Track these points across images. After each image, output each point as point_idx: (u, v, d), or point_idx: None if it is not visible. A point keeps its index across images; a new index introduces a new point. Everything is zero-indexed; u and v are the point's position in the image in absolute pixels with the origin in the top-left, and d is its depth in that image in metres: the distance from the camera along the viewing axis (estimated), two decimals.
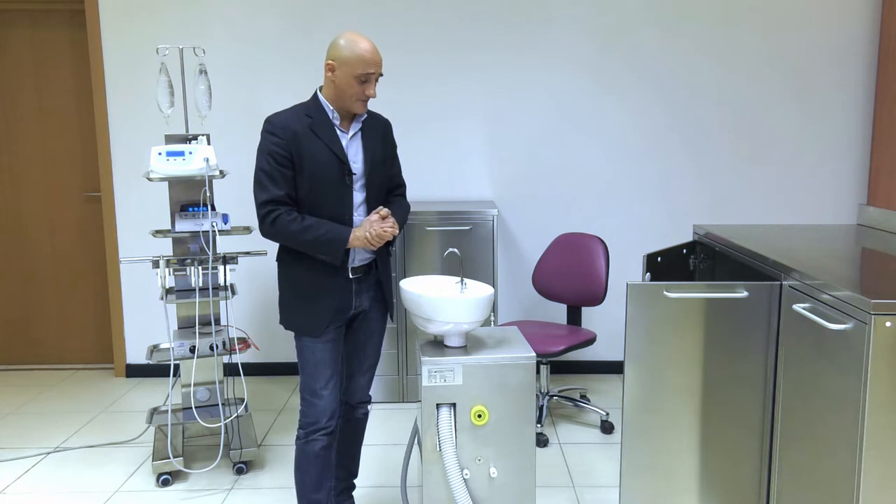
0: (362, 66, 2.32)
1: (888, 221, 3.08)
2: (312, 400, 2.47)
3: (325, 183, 2.39)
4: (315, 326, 2.43)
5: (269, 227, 2.36)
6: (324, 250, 2.37)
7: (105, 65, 4.30)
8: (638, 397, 2.38)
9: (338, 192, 2.40)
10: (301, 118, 2.39)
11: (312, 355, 2.45)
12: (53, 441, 3.61)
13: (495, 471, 2.25)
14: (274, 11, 4.25)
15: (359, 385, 2.67)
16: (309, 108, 2.42)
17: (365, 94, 2.37)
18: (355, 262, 2.47)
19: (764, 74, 4.26)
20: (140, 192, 4.40)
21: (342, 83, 2.36)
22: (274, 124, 2.37)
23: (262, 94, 4.32)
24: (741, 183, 4.35)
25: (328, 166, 2.38)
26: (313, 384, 2.46)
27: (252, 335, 4.53)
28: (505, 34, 4.25)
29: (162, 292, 3.17)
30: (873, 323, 1.81)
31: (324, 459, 2.50)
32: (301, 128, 2.37)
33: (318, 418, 2.47)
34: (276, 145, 2.35)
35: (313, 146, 2.37)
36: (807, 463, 2.16)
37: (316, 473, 2.49)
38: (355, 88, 2.35)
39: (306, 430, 2.48)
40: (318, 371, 2.46)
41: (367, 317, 2.59)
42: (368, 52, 2.33)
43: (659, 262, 2.86)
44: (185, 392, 3.27)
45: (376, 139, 2.51)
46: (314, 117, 2.40)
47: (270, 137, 2.36)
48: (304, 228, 2.34)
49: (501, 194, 4.39)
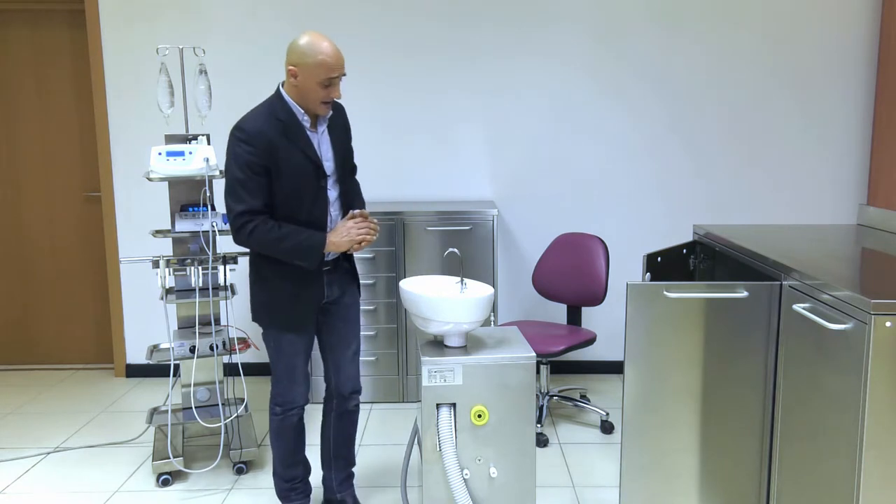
0: (326, 72, 2.31)
1: (888, 221, 3.08)
2: (289, 384, 2.60)
3: (302, 187, 2.40)
4: (300, 321, 2.52)
5: (246, 238, 2.38)
6: (302, 258, 2.41)
7: (105, 65, 4.30)
8: (638, 397, 2.38)
9: (314, 195, 2.43)
10: (273, 123, 2.37)
11: (291, 346, 2.55)
12: (53, 441, 3.61)
13: (495, 471, 2.25)
14: (274, 11, 4.25)
15: (347, 374, 2.71)
16: (278, 111, 2.39)
17: (329, 97, 2.37)
18: (329, 256, 2.53)
19: (764, 74, 4.26)
20: (140, 192, 4.40)
21: (305, 88, 2.35)
22: (247, 132, 2.34)
23: (262, 95, 4.30)
24: (741, 183, 4.35)
25: (304, 171, 2.40)
26: (292, 372, 2.59)
27: (252, 335, 4.52)
28: (505, 34, 4.25)
29: (162, 292, 3.17)
30: (873, 323, 1.82)
31: (299, 428, 2.69)
32: (275, 134, 2.35)
33: (296, 399, 2.63)
34: (250, 154, 2.33)
35: (289, 153, 2.37)
36: (807, 463, 2.16)
37: (294, 440, 2.69)
38: (319, 93, 2.35)
39: (284, 408, 2.63)
40: (295, 360, 2.57)
41: (341, 303, 2.65)
42: (331, 56, 2.31)
43: (659, 262, 2.86)
44: (185, 392, 3.27)
45: (340, 130, 2.54)
46: (285, 120, 2.38)
47: (244, 146, 2.33)
48: (281, 237, 2.37)
49: (501, 194, 4.39)
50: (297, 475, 2.74)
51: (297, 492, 2.75)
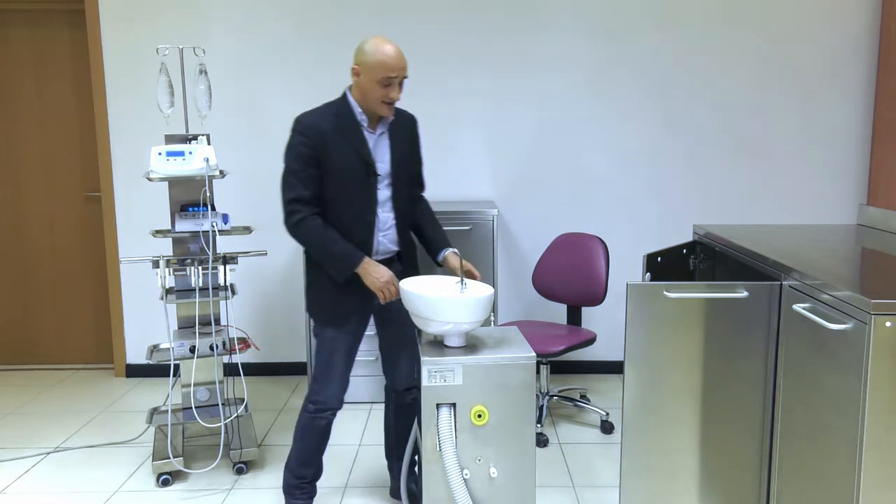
0: (384, 71, 2.40)
1: (888, 221, 3.08)
2: (326, 383, 2.64)
3: (351, 184, 2.49)
4: (340, 318, 2.60)
5: (293, 227, 2.49)
6: (333, 266, 2.50)
7: (105, 65, 4.30)
8: (638, 397, 2.38)
9: (362, 193, 2.51)
10: (329, 119, 2.48)
11: (331, 343, 2.61)
12: (53, 441, 3.61)
13: (495, 471, 2.25)
14: (274, 11, 4.25)
15: (402, 374, 2.78)
16: (338, 109, 2.51)
17: (389, 97, 2.45)
18: (378, 255, 2.59)
19: (764, 74, 4.26)
20: (140, 192, 4.40)
21: (366, 87, 2.45)
22: (303, 124, 2.47)
23: (261, 94, 4.32)
24: (741, 183, 4.35)
25: (353, 168, 2.49)
26: (330, 370, 2.63)
27: (252, 335, 4.53)
28: (505, 34, 4.25)
29: (162, 292, 3.17)
30: (873, 323, 1.81)
31: (325, 432, 2.71)
32: (329, 129, 2.47)
33: (329, 400, 2.65)
34: (303, 145, 2.45)
35: (340, 148, 2.47)
36: (807, 463, 2.16)
37: (317, 442, 2.71)
38: (379, 92, 2.44)
39: (316, 407, 2.66)
40: (335, 358, 2.62)
41: (394, 307, 2.70)
42: (391, 56, 2.41)
43: (659, 262, 2.86)
44: (185, 392, 3.27)
45: (403, 138, 2.61)
46: (342, 118, 2.49)
47: (299, 137, 2.46)
48: (322, 239, 2.47)
49: (501, 194, 4.39)
50: (307, 475, 2.76)
51: (302, 491, 2.77)
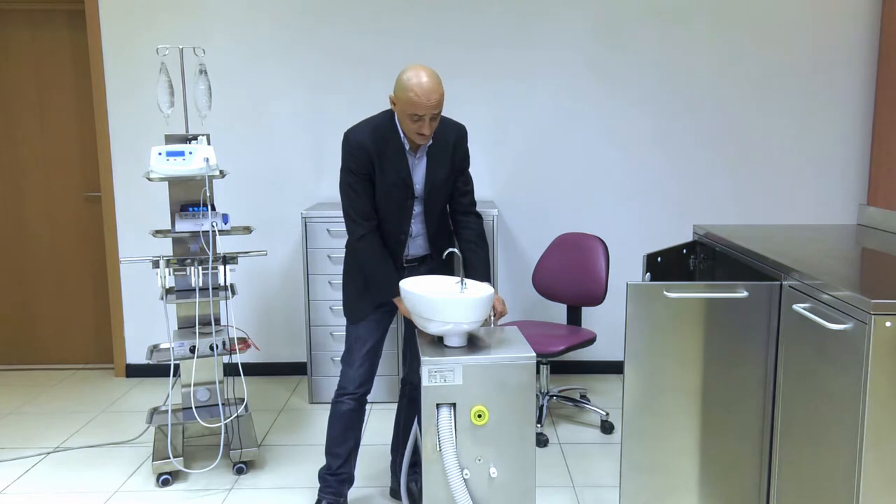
0: (412, 108, 2.41)
1: (888, 221, 3.08)
2: (346, 368, 2.77)
3: (391, 202, 2.59)
4: (355, 314, 2.74)
5: (354, 243, 2.63)
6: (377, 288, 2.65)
7: (105, 65, 4.30)
8: (638, 397, 2.38)
9: (399, 211, 2.62)
10: (376, 139, 2.54)
11: (354, 330, 2.75)
12: (53, 441, 3.61)
13: (495, 471, 2.25)
14: (274, 11, 4.25)
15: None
16: (385, 129, 2.55)
17: (418, 132, 2.46)
18: (409, 255, 2.70)
19: (764, 74, 4.26)
20: (140, 192, 4.40)
21: (400, 117, 2.49)
22: (350, 143, 2.54)
23: (261, 94, 4.32)
24: (741, 183, 4.35)
25: (395, 188, 2.57)
26: (349, 356, 2.76)
27: (252, 335, 4.53)
28: (505, 34, 4.25)
29: (162, 292, 3.17)
30: (873, 323, 1.81)
31: (347, 420, 2.77)
32: (374, 150, 2.53)
33: (347, 384, 2.76)
34: (354, 163, 2.54)
35: (385, 169, 2.55)
36: (807, 463, 2.16)
37: (340, 429, 2.79)
38: (410, 126, 2.46)
39: (338, 392, 2.78)
40: (356, 345, 2.75)
41: None
42: (419, 95, 2.38)
43: (659, 262, 2.86)
44: (185, 392, 3.27)
45: (442, 159, 2.63)
46: (388, 139, 2.55)
47: (349, 155, 2.55)
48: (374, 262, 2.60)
49: (501, 194, 4.39)
50: (332, 465, 2.81)
51: (326, 483, 2.83)
